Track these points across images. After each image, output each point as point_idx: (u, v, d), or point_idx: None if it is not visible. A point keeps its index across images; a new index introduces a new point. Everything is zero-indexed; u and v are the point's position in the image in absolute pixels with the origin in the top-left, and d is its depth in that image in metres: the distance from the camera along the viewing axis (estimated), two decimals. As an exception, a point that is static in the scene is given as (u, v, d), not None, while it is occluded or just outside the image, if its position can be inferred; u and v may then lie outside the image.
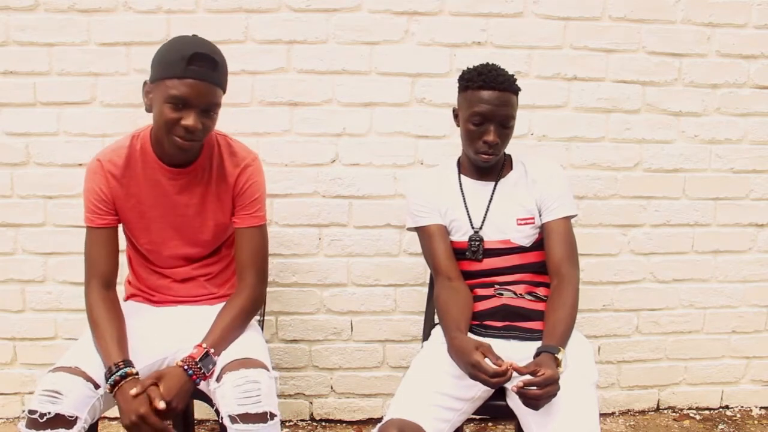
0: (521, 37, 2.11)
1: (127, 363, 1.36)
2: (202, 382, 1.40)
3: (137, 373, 1.36)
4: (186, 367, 1.36)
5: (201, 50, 1.37)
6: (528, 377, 1.27)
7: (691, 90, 2.19)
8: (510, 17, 2.10)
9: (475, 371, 1.30)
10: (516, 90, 1.54)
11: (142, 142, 1.53)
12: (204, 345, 1.41)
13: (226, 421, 1.31)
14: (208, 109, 1.41)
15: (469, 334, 1.46)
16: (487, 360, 1.30)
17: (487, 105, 1.49)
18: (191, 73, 1.36)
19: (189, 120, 1.38)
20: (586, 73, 2.15)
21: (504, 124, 1.52)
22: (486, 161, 1.55)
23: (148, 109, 1.45)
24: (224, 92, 1.47)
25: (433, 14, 2.09)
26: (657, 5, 2.13)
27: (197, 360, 1.37)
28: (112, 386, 1.33)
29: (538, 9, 2.10)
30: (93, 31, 2.04)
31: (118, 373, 1.33)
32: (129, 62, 2.06)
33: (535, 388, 1.26)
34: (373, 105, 2.12)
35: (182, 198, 1.54)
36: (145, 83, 1.46)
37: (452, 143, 1.98)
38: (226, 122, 2.02)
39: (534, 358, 1.37)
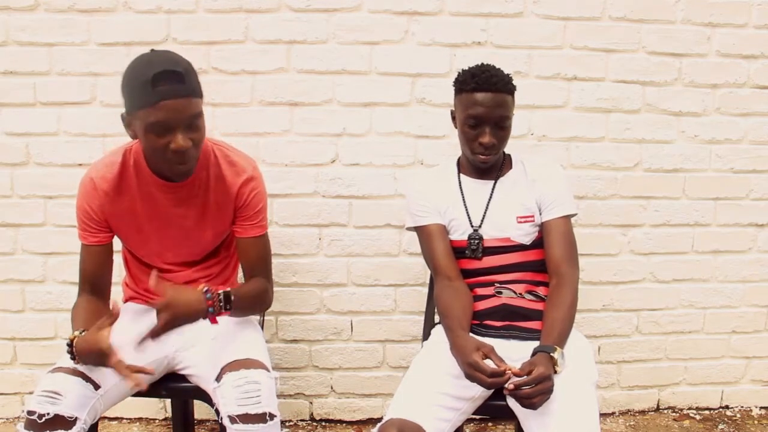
0: (521, 37, 2.11)
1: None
2: (204, 382, 1.40)
3: (79, 334, 1.34)
4: (206, 290, 1.36)
5: (161, 68, 1.29)
6: (519, 378, 1.28)
7: (691, 90, 2.19)
8: (510, 17, 2.10)
9: (471, 371, 1.30)
10: (511, 90, 1.54)
11: (135, 156, 1.49)
12: (229, 288, 1.42)
13: (226, 422, 1.31)
14: (192, 123, 1.34)
15: (470, 334, 1.46)
16: (488, 361, 1.31)
17: (482, 107, 1.49)
18: (160, 95, 1.28)
19: (177, 141, 1.32)
20: (586, 73, 2.15)
21: (499, 125, 1.52)
22: (484, 162, 1.56)
23: (135, 138, 1.42)
24: (201, 97, 1.38)
25: (433, 14, 2.09)
26: (657, 5, 2.13)
27: (221, 293, 1.37)
28: (72, 359, 1.32)
29: (538, 9, 2.10)
30: (93, 31, 2.04)
31: (68, 346, 1.33)
32: (129, 62, 2.05)
33: (527, 387, 1.26)
34: (373, 105, 2.12)
35: (179, 210, 1.52)
36: (122, 116, 1.40)
37: (452, 143, 1.99)
38: (226, 122, 2.04)
39: (531, 356, 1.37)
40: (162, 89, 1.28)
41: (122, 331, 1.45)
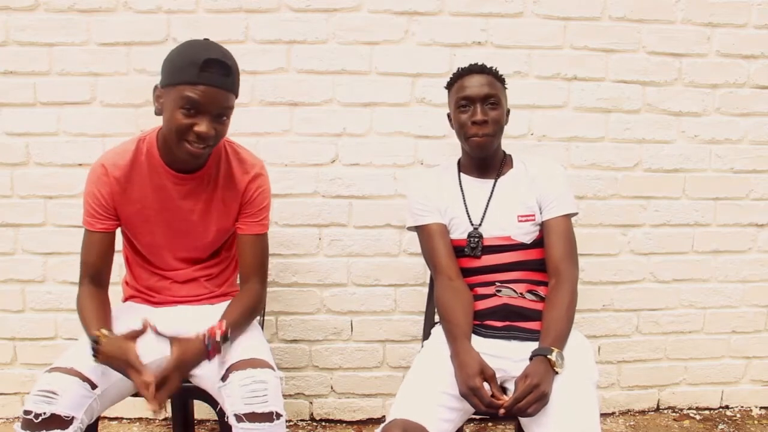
0: (521, 37, 2.12)
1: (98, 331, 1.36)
2: (206, 382, 1.41)
3: (107, 335, 1.35)
4: (207, 342, 1.37)
5: (214, 56, 1.36)
6: (509, 399, 1.31)
7: (691, 90, 2.19)
8: (510, 17, 2.10)
9: (469, 393, 1.33)
10: (498, 76, 1.59)
11: (149, 146, 1.52)
12: (225, 324, 1.41)
13: (232, 420, 1.31)
14: (221, 114, 1.40)
15: (472, 340, 1.47)
16: (486, 385, 1.33)
17: (469, 88, 1.56)
18: (204, 79, 1.35)
19: (202, 126, 1.37)
20: (586, 73, 2.15)
21: (488, 102, 1.55)
22: (479, 144, 1.56)
23: (158, 113, 1.44)
24: (237, 97, 1.46)
25: (433, 14, 2.09)
26: (657, 5, 2.13)
27: (218, 339, 1.38)
28: (95, 357, 1.33)
29: (538, 9, 2.10)
30: (93, 31, 2.04)
31: (92, 344, 1.34)
32: (129, 62, 2.06)
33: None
34: (373, 105, 2.12)
35: (187, 203, 1.54)
36: (155, 87, 1.45)
37: (452, 143, 1.99)
38: (226, 122, 2.02)
39: (529, 360, 1.38)
40: (208, 74, 1.35)
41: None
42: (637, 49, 2.15)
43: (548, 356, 1.36)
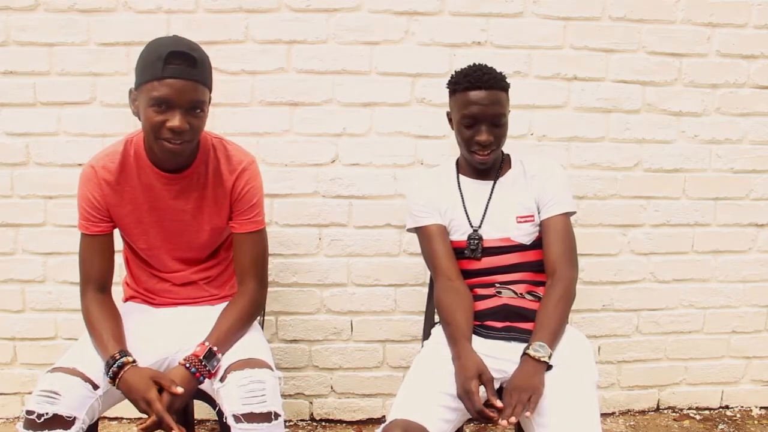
0: (521, 37, 2.11)
1: (124, 353, 1.36)
2: (206, 382, 1.40)
3: (134, 361, 1.36)
4: (188, 365, 1.37)
5: (177, 48, 1.34)
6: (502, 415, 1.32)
7: (691, 90, 2.19)
8: (510, 17, 2.10)
9: (465, 396, 1.33)
10: (504, 87, 1.55)
11: (136, 147, 1.51)
12: (207, 343, 1.41)
13: (230, 421, 1.31)
14: (194, 108, 1.37)
15: (473, 340, 1.47)
16: (481, 388, 1.34)
17: (476, 106, 1.51)
18: (169, 72, 1.33)
19: (174, 121, 1.35)
20: (586, 73, 2.15)
21: (495, 122, 1.53)
22: (482, 161, 1.56)
23: (137, 116, 1.44)
24: (209, 90, 1.43)
25: (433, 14, 2.09)
26: (657, 5, 2.13)
27: (201, 358, 1.38)
28: (113, 378, 1.33)
29: (538, 9, 2.10)
30: (93, 31, 2.04)
31: (116, 365, 1.33)
32: (129, 62, 2.06)
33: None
34: (373, 105, 2.12)
35: (178, 203, 1.53)
36: (130, 91, 1.44)
37: (452, 143, 1.98)
38: (226, 122, 2.03)
39: (520, 357, 1.39)
40: (172, 67, 1.33)
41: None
42: (637, 49, 2.15)
43: (527, 351, 1.37)
